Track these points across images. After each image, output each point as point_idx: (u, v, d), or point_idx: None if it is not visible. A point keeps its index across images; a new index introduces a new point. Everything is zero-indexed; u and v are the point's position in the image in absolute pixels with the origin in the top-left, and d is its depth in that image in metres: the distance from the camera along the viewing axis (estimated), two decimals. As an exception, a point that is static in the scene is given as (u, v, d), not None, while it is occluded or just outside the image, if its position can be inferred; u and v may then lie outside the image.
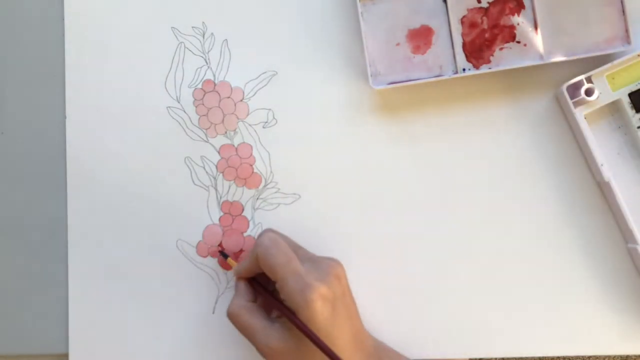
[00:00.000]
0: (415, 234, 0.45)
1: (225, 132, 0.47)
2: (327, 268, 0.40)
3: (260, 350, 0.39)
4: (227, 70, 0.47)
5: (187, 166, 0.47)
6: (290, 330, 0.39)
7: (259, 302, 0.42)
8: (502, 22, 0.44)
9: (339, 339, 0.38)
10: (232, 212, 0.47)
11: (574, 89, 0.43)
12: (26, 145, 0.48)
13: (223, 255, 0.46)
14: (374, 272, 0.45)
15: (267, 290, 0.42)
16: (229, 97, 0.47)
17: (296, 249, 0.42)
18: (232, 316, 0.41)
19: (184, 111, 0.47)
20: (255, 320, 0.40)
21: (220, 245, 0.46)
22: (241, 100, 0.47)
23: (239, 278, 0.43)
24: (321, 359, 0.38)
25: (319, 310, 0.37)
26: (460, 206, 0.45)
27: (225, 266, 0.46)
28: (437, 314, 0.45)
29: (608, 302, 0.44)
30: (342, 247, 0.45)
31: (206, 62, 0.47)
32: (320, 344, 0.37)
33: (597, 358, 0.44)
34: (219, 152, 0.47)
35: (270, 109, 0.47)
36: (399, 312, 0.45)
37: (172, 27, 0.47)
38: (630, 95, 0.43)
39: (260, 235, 0.41)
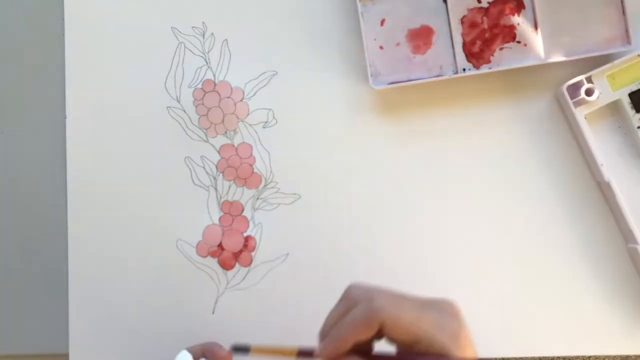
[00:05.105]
0: (414, 233, 0.45)
1: (225, 132, 0.47)
2: (450, 309, 0.35)
3: None
4: (227, 70, 0.47)
5: (187, 166, 0.47)
6: None
7: None
8: (502, 22, 0.44)
9: None
10: (232, 212, 0.47)
11: (574, 89, 0.43)
12: (26, 145, 0.48)
13: (242, 349, 0.36)
14: (374, 271, 0.45)
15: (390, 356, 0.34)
16: (229, 97, 0.47)
17: (403, 295, 0.35)
18: None
19: (184, 111, 0.47)
20: None
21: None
22: (241, 100, 0.47)
23: (340, 356, 0.33)
24: None
25: (472, 352, 0.33)
26: (460, 206, 0.45)
27: (226, 266, 0.46)
28: (437, 314, 0.45)
29: (608, 302, 0.44)
30: (342, 247, 0.45)
31: (206, 62, 0.47)
32: None
33: (597, 358, 0.44)
34: (219, 152, 0.47)
35: (270, 109, 0.47)
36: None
37: (172, 27, 0.47)
38: (630, 95, 0.43)
39: (366, 298, 0.33)
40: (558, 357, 0.45)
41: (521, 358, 0.45)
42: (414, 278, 0.45)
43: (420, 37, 0.45)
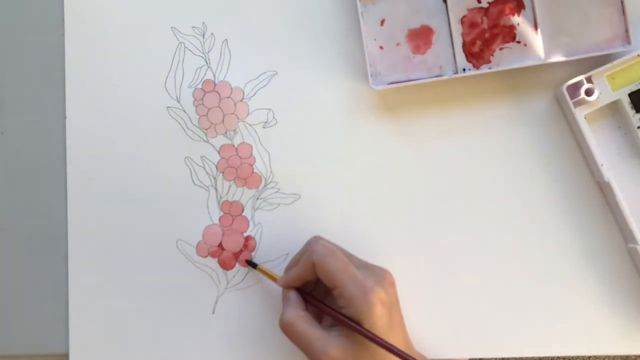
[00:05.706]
0: (414, 234, 0.45)
1: (225, 132, 0.47)
2: (383, 274, 0.40)
3: (317, 359, 0.38)
4: (227, 70, 0.47)
5: (187, 166, 0.47)
6: (349, 338, 0.38)
7: (310, 312, 0.41)
8: (502, 22, 0.44)
9: (396, 345, 0.37)
10: (232, 212, 0.47)
11: (574, 89, 0.43)
12: (26, 145, 0.48)
13: (251, 264, 0.45)
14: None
15: (318, 299, 0.41)
16: (229, 97, 0.47)
17: (348, 256, 0.42)
18: (287, 325, 0.39)
19: (184, 111, 0.47)
20: (312, 329, 0.39)
21: (240, 251, 0.46)
22: (241, 100, 0.47)
23: (288, 288, 0.42)
24: None
25: (379, 314, 0.37)
26: (460, 206, 0.45)
27: (226, 266, 0.46)
28: (437, 315, 0.45)
29: (608, 302, 0.44)
30: (342, 247, 0.45)
31: (206, 62, 0.47)
32: (389, 347, 0.36)
33: (597, 358, 0.44)
34: (219, 152, 0.47)
35: (270, 109, 0.47)
36: (399, 312, 0.45)
37: (172, 27, 0.47)
38: (630, 95, 0.43)
39: (311, 244, 0.41)
40: (558, 357, 0.45)
41: (521, 358, 0.45)
42: (413, 277, 0.45)
43: (420, 37, 0.45)
